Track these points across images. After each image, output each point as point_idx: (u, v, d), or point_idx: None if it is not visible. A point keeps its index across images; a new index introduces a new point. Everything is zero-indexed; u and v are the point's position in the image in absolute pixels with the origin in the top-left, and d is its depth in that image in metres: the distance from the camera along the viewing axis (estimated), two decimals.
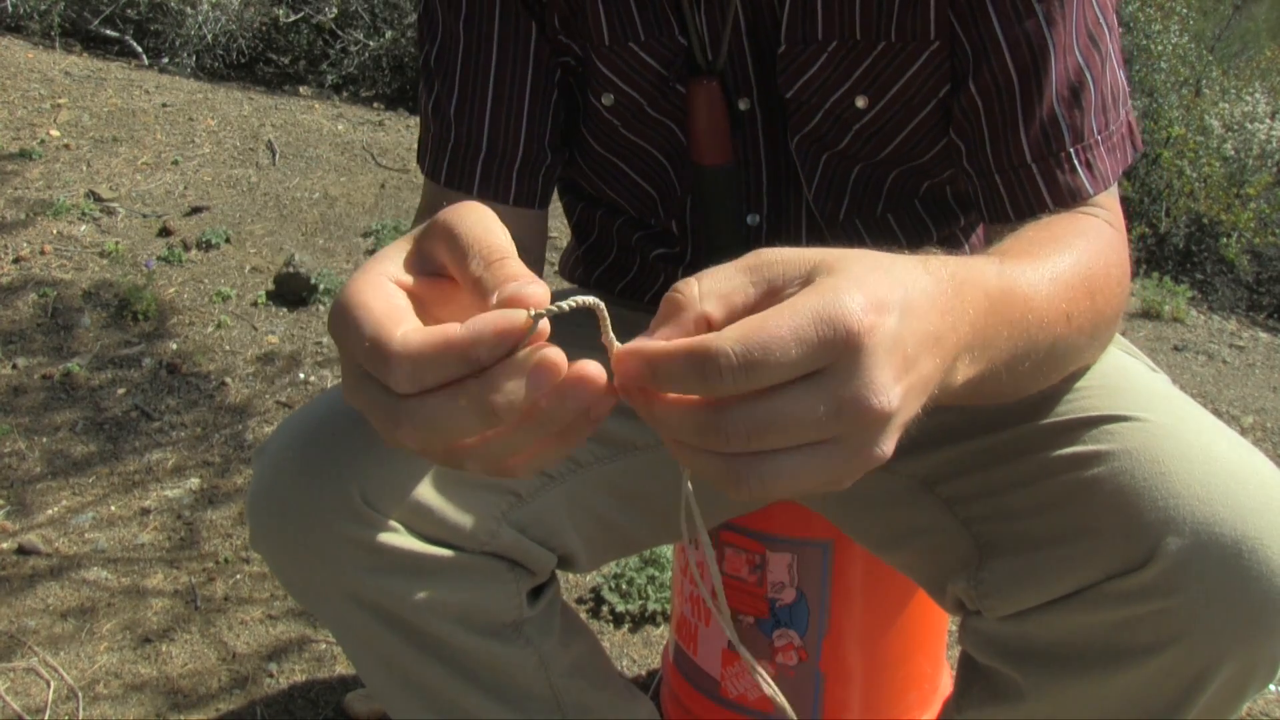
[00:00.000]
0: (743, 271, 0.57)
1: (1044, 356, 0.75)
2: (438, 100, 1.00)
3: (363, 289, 0.57)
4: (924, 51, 0.93)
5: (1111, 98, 0.91)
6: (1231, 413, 2.75)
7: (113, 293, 2.82)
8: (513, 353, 0.54)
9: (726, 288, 0.57)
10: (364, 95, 4.72)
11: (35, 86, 4.07)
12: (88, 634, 1.75)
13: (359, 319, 0.56)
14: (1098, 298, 0.80)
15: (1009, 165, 0.90)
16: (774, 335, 0.53)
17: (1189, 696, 0.80)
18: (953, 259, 0.66)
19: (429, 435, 0.55)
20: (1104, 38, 0.90)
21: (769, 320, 0.53)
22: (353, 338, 0.56)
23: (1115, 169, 0.91)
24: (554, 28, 0.98)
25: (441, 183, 1.00)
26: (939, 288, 0.61)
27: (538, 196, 1.01)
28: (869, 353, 0.54)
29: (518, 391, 0.53)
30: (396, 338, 0.54)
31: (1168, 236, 4.40)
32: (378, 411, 0.56)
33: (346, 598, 0.90)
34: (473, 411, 0.54)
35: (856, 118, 0.97)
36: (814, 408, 0.53)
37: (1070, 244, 0.81)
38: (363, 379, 0.57)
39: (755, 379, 0.53)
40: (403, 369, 0.54)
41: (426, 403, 0.54)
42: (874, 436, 0.55)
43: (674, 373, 0.54)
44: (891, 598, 1.28)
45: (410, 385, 0.54)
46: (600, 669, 1.09)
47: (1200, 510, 0.76)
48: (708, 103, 0.98)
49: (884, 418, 0.55)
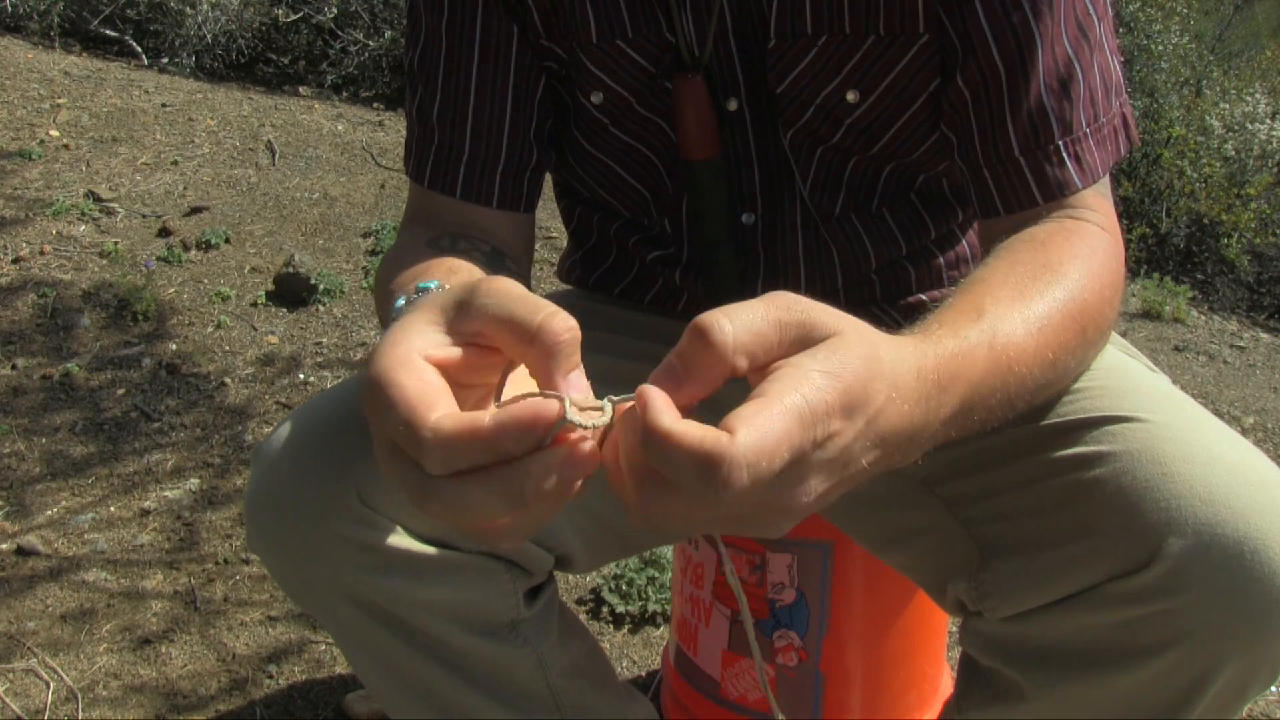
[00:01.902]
0: (773, 327, 0.59)
1: (1030, 396, 0.78)
2: (421, 103, 1.00)
3: (395, 367, 0.59)
4: (913, 45, 0.93)
5: (1102, 89, 0.91)
6: (1232, 413, 2.75)
7: (112, 293, 2.82)
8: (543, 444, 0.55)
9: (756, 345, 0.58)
10: (364, 95, 4.72)
11: (35, 86, 4.07)
12: (87, 635, 1.75)
13: (393, 399, 0.57)
14: (1089, 330, 0.82)
15: (997, 159, 0.90)
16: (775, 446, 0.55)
17: (1191, 697, 0.80)
18: (950, 352, 0.69)
19: (460, 515, 0.57)
20: (1093, 28, 0.90)
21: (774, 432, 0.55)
22: (387, 417, 0.57)
23: (1105, 162, 0.91)
24: (535, 31, 0.99)
25: (425, 185, 1.00)
26: (922, 388, 0.65)
27: (523, 200, 1.01)
28: (813, 462, 0.58)
29: (548, 481, 0.55)
30: (430, 423, 0.56)
31: (1168, 237, 4.40)
32: (410, 487, 0.58)
33: (344, 598, 0.90)
34: (503, 498, 0.56)
35: (848, 112, 0.97)
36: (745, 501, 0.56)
37: (1064, 273, 0.81)
38: (396, 453, 0.58)
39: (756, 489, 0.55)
40: (435, 455, 0.56)
41: (458, 485, 0.56)
42: (785, 517, 0.59)
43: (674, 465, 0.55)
44: (891, 598, 1.28)
45: (442, 469, 0.56)
46: (599, 669, 1.09)
47: (1202, 511, 0.76)
48: (694, 98, 0.98)
49: (797, 510, 0.59)
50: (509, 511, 0.56)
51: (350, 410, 0.92)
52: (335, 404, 0.92)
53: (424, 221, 1.00)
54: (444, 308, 0.62)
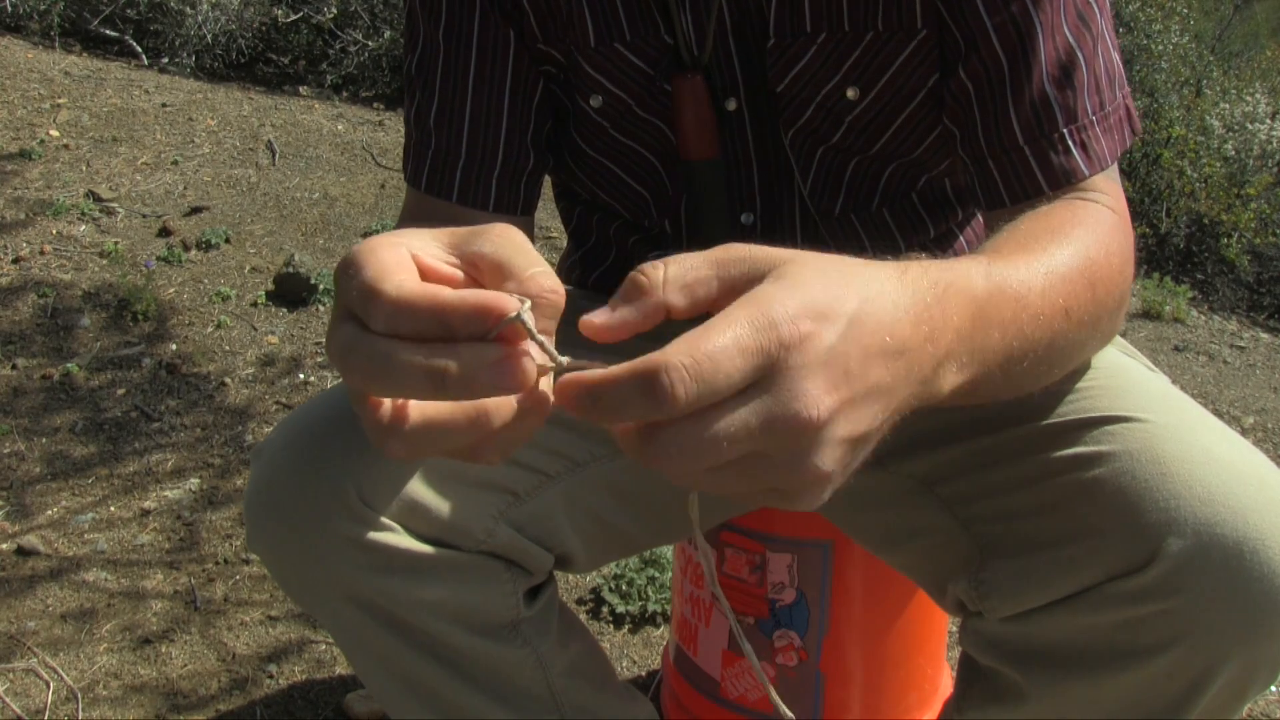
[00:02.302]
0: (710, 264, 0.57)
1: (1043, 354, 0.74)
2: (419, 108, 1.00)
3: (379, 245, 0.58)
4: (911, 40, 0.93)
5: (1106, 78, 0.90)
6: (1232, 413, 2.75)
7: (112, 293, 2.82)
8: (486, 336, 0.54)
9: (691, 278, 0.56)
10: (364, 95, 4.72)
11: (35, 86, 4.07)
12: (87, 635, 1.75)
13: (364, 263, 0.56)
14: (1098, 288, 0.79)
15: (1001, 149, 0.90)
16: (719, 347, 0.52)
17: (1190, 697, 0.80)
18: (936, 264, 0.65)
19: (377, 379, 0.55)
20: (1094, 18, 0.90)
21: (711, 332, 0.53)
22: (352, 280, 0.56)
23: (1113, 150, 0.90)
24: (532, 35, 0.99)
25: (422, 189, 1.01)
26: (914, 298, 0.60)
27: (520, 203, 1.01)
28: (797, 365, 0.53)
29: (474, 371, 0.54)
30: (394, 281, 0.55)
31: (1168, 237, 4.40)
32: (343, 343, 0.56)
33: (344, 597, 0.90)
34: (426, 371, 0.54)
35: (848, 109, 0.97)
36: (747, 422, 0.53)
37: (1068, 234, 0.80)
38: (344, 320, 0.57)
39: (706, 396, 0.52)
40: (384, 309, 0.54)
41: (389, 344, 0.54)
42: (807, 450, 0.55)
43: (622, 398, 0.53)
44: (891, 598, 1.28)
45: (385, 326, 0.55)
46: (599, 670, 1.09)
47: (1202, 511, 0.76)
48: (693, 98, 0.98)
49: (812, 429, 0.54)
50: (425, 388, 0.54)
51: (350, 410, 0.92)
52: (335, 404, 0.92)
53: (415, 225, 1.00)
54: (454, 230, 0.61)
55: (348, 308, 0.57)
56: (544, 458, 0.98)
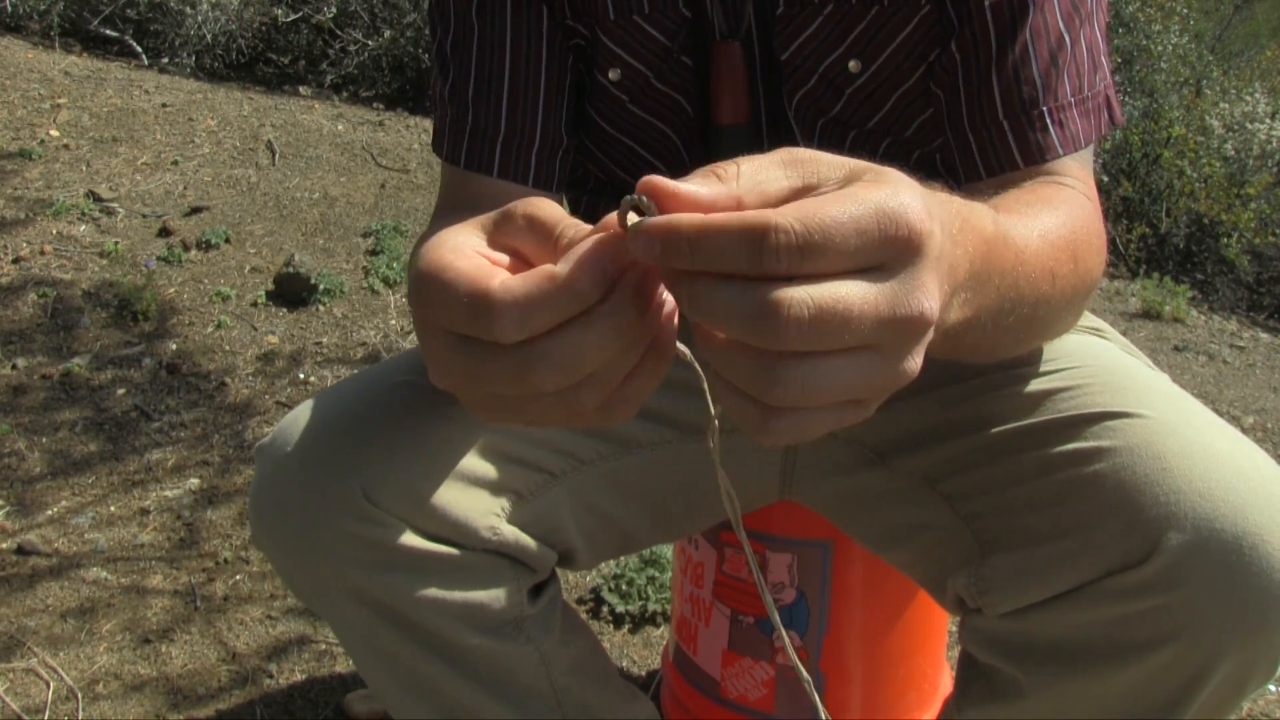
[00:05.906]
0: (779, 165, 0.55)
1: (1028, 313, 0.74)
2: (454, 86, 1.00)
3: (446, 254, 0.56)
4: (915, 15, 0.94)
5: (1090, 63, 0.92)
6: (1232, 413, 2.75)
7: (113, 293, 2.83)
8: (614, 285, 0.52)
9: (764, 176, 0.54)
10: (364, 95, 4.72)
11: (35, 86, 4.07)
12: (87, 634, 1.75)
13: (449, 279, 0.54)
14: (1080, 262, 0.80)
15: (981, 122, 0.91)
16: (835, 220, 0.50)
17: (1189, 692, 0.80)
18: (957, 197, 0.64)
19: (543, 377, 0.53)
20: (1085, 2, 0.91)
21: (829, 204, 0.50)
22: (445, 299, 0.54)
23: (1088, 133, 0.91)
24: (562, 11, 1.00)
25: (462, 165, 1.00)
26: (952, 218, 0.60)
27: (555, 180, 1.02)
28: (926, 257, 0.52)
29: (627, 315, 0.52)
30: (498, 285, 0.53)
31: (1168, 237, 4.40)
32: (475, 374, 0.54)
33: (348, 595, 0.90)
34: (594, 345, 0.52)
35: (849, 81, 0.98)
36: (874, 303, 0.50)
37: (1055, 206, 0.81)
38: (456, 346, 0.55)
39: (810, 262, 0.49)
40: (511, 315, 0.52)
41: (536, 349, 0.52)
42: (912, 346, 0.53)
43: (722, 247, 0.50)
44: (891, 598, 1.28)
45: (518, 331, 0.52)
46: (600, 668, 1.09)
47: (1201, 506, 0.76)
48: (729, 65, 0.99)
49: (926, 326, 0.52)
50: (598, 364, 0.52)
51: (355, 406, 0.92)
52: (340, 400, 0.92)
53: (455, 208, 1.00)
54: (483, 221, 0.60)
55: (451, 330, 0.55)
56: (549, 456, 0.98)
